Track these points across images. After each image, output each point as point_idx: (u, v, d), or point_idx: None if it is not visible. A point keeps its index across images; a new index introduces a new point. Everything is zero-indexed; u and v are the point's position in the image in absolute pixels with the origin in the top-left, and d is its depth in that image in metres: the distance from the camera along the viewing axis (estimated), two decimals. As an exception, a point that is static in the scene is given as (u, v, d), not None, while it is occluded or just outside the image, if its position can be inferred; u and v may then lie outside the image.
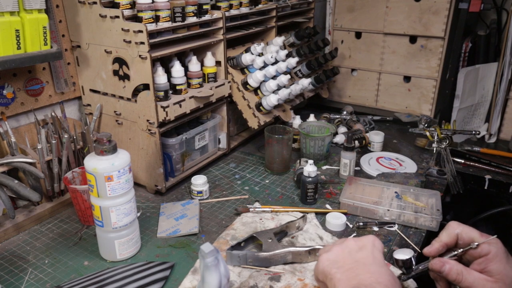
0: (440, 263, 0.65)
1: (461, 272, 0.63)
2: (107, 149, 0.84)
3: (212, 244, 0.64)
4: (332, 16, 1.76)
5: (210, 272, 0.61)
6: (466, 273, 0.63)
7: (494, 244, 0.64)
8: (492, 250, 0.63)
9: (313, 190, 1.12)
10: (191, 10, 1.16)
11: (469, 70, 1.52)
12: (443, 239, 0.68)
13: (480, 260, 0.63)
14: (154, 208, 1.13)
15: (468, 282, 0.62)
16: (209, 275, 0.61)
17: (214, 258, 0.62)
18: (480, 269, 0.63)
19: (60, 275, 0.89)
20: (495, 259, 0.62)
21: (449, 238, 0.67)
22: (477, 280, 0.61)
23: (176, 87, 1.17)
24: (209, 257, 0.62)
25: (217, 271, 0.61)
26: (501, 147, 1.50)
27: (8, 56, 0.92)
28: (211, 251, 0.62)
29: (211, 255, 0.61)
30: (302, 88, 1.49)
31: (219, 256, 0.62)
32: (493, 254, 0.62)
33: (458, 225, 0.67)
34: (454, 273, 0.63)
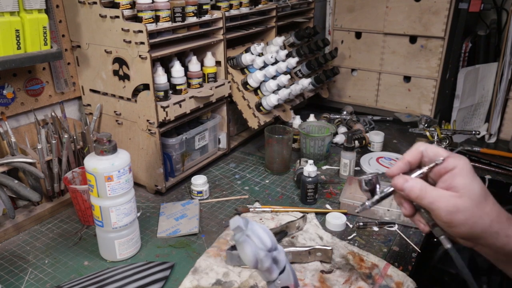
0: (402, 179, 0.60)
1: (424, 187, 0.58)
2: (107, 149, 0.84)
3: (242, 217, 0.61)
4: (332, 16, 1.76)
5: (241, 247, 0.60)
6: (430, 190, 0.58)
7: (460, 159, 0.59)
8: (458, 164, 0.58)
9: (313, 190, 1.12)
10: (191, 10, 1.16)
11: (469, 70, 1.52)
12: (406, 157, 0.63)
13: (446, 177, 0.58)
14: (154, 208, 1.13)
15: (432, 197, 0.57)
16: (241, 250, 0.60)
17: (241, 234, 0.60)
18: (445, 186, 0.58)
19: (60, 275, 0.89)
20: (461, 173, 0.57)
21: (412, 155, 0.62)
22: (440, 195, 0.57)
23: (176, 87, 1.17)
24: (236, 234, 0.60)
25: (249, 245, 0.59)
26: (501, 147, 1.50)
27: (8, 56, 0.92)
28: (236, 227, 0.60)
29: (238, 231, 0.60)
30: (302, 88, 1.49)
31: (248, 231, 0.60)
32: (459, 168, 0.58)
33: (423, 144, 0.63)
34: (417, 189, 0.58)
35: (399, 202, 0.64)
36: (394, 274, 0.87)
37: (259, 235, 0.59)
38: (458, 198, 0.56)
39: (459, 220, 0.55)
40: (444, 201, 0.56)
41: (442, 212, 0.56)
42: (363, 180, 0.65)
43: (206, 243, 0.99)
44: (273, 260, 0.61)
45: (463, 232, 0.56)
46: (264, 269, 0.60)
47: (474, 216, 0.55)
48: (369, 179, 0.65)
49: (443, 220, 0.57)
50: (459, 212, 0.55)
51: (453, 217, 0.55)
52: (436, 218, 0.58)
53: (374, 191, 0.65)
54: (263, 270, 0.60)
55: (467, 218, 0.55)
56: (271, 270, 0.61)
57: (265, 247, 0.59)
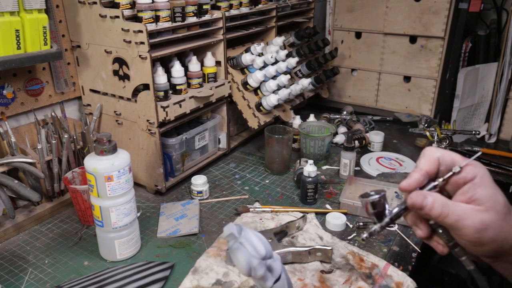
0: (421, 196, 0.51)
1: (447, 204, 0.50)
2: (107, 149, 0.84)
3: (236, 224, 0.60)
4: (332, 16, 1.76)
5: (235, 254, 0.59)
6: (452, 205, 0.50)
7: (480, 166, 0.51)
8: (478, 173, 0.50)
9: (313, 190, 1.12)
10: (191, 10, 1.16)
11: (469, 70, 1.52)
12: (423, 167, 0.53)
13: (466, 188, 0.51)
14: (154, 208, 1.13)
15: (456, 214, 0.49)
16: (234, 257, 0.59)
17: (234, 241, 0.59)
18: (466, 199, 0.50)
19: (60, 275, 0.89)
20: (483, 183, 0.50)
21: (429, 164, 0.53)
22: (465, 212, 0.49)
23: (176, 87, 1.17)
24: (230, 241, 0.59)
25: (242, 253, 0.59)
26: (501, 147, 1.50)
27: (8, 56, 0.92)
28: (229, 235, 0.59)
29: (230, 238, 0.59)
30: (302, 88, 1.49)
31: (241, 238, 0.59)
32: (480, 178, 0.50)
33: (437, 149, 0.54)
34: (438, 206, 0.50)
35: (413, 222, 0.55)
36: (394, 274, 0.87)
37: (252, 242, 0.58)
38: (485, 213, 0.49)
39: (488, 238, 0.49)
40: (470, 218, 0.49)
41: (469, 231, 0.49)
42: (369, 202, 0.56)
43: (206, 243, 0.99)
44: (268, 268, 0.59)
45: (491, 250, 0.50)
46: (258, 277, 0.59)
47: (503, 232, 0.49)
48: (377, 201, 0.55)
49: (470, 240, 0.50)
50: (488, 229, 0.48)
51: (482, 235, 0.49)
52: (460, 238, 0.51)
53: (383, 212, 0.56)
54: (257, 278, 0.60)
55: (496, 235, 0.49)
56: (266, 278, 0.60)
57: (258, 255, 0.58)
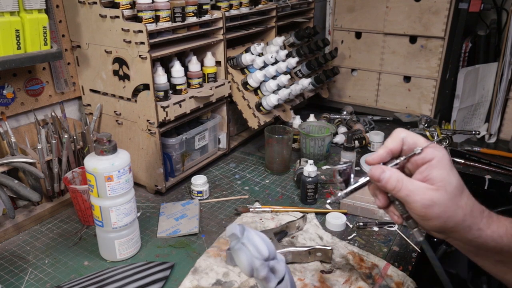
0: (379, 169, 0.58)
1: (401, 179, 0.56)
2: (107, 149, 0.84)
3: (239, 224, 0.61)
4: (332, 16, 1.76)
5: (237, 255, 0.59)
6: (406, 181, 0.56)
7: (439, 150, 0.57)
8: (437, 156, 0.56)
9: (313, 190, 1.12)
10: (191, 10, 1.16)
11: (469, 70, 1.52)
12: (388, 145, 0.61)
13: (423, 168, 0.57)
14: (154, 208, 1.13)
15: (408, 189, 0.55)
16: (236, 258, 0.59)
17: (237, 241, 0.59)
18: (422, 178, 0.56)
19: (60, 275, 0.89)
20: (439, 165, 0.56)
21: (394, 143, 0.60)
22: (417, 188, 0.55)
23: (176, 87, 1.17)
24: (232, 241, 0.59)
25: (244, 254, 0.59)
26: (501, 147, 1.50)
27: (8, 56, 0.92)
28: (231, 235, 0.59)
29: (233, 238, 0.59)
30: (302, 88, 1.49)
31: (243, 239, 0.59)
32: (437, 160, 0.56)
33: (404, 130, 0.61)
34: (393, 180, 0.56)
35: (373, 193, 0.63)
36: (394, 274, 0.87)
37: (255, 243, 0.58)
38: (435, 191, 0.55)
39: (433, 214, 0.55)
40: (420, 194, 0.55)
41: (418, 205, 0.55)
42: (337, 170, 0.63)
43: (206, 243, 0.99)
44: (271, 270, 0.59)
45: (437, 225, 0.56)
46: (260, 278, 0.59)
47: (449, 210, 0.55)
48: (343, 169, 0.63)
49: (418, 214, 0.56)
50: (434, 206, 0.54)
51: (428, 211, 0.55)
52: (411, 211, 0.57)
53: (349, 181, 0.64)
54: (260, 279, 0.60)
55: (441, 212, 0.54)
56: (268, 279, 0.59)
57: (261, 256, 0.58)
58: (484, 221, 0.57)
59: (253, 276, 0.59)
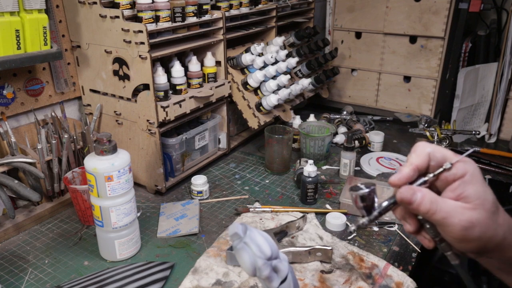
0: (410, 191, 0.51)
1: (435, 200, 0.50)
2: (107, 149, 0.84)
3: (241, 224, 0.60)
4: (332, 16, 1.76)
5: (239, 254, 0.59)
6: (441, 201, 0.50)
7: (470, 164, 0.51)
8: (469, 170, 0.50)
9: (313, 190, 1.12)
10: (191, 10, 1.16)
11: (469, 70, 1.52)
12: (413, 161, 0.53)
13: (455, 185, 0.50)
14: (154, 208, 1.13)
15: (444, 211, 0.49)
16: (239, 257, 0.59)
17: (239, 241, 0.59)
18: (455, 196, 0.50)
19: (60, 275, 0.89)
20: (473, 181, 0.50)
21: (420, 159, 0.52)
22: (453, 209, 0.49)
23: (176, 87, 1.17)
24: (234, 240, 0.59)
25: (246, 253, 0.58)
26: (501, 147, 1.50)
27: (8, 56, 0.92)
28: (234, 234, 0.59)
29: (235, 238, 0.59)
30: (302, 88, 1.49)
31: (246, 238, 0.59)
32: (470, 175, 0.50)
33: (428, 144, 0.54)
34: (427, 202, 0.50)
35: (401, 216, 0.56)
36: (394, 274, 0.87)
37: (257, 242, 0.58)
38: (473, 211, 0.49)
39: (474, 236, 0.49)
40: (458, 215, 0.49)
41: (456, 229, 0.49)
42: (359, 196, 0.55)
43: (206, 243, 0.99)
44: (273, 269, 0.59)
45: (476, 247, 0.50)
46: (263, 278, 0.59)
47: (489, 230, 0.49)
48: (366, 195, 0.55)
49: (456, 237, 0.50)
50: (474, 228, 0.49)
51: (468, 233, 0.49)
52: (447, 234, 0.51)
53: (372, 206, 0.56)
54: (262, 279, 0.59)
55: (482, 233, 0.49)
56: (271, 279, 0.59)
57: (264, 255, 0.57)
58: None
59: (256, 276, 0.59)
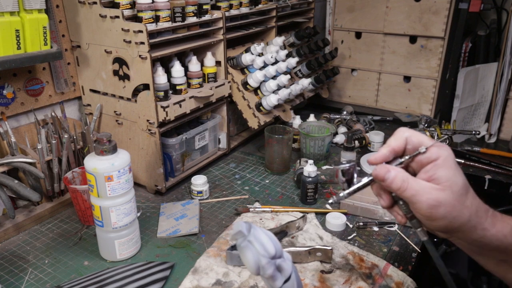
0: (384, 169, 0.57)
1: (407, 179, 0.55)
2: (107, 149, 0.84)
3: (246, 222, 0.60)
4: (332, 16, 1.76)
5: (243, 253, 0.59)
6: (412, 180, 0.55)
7: (444, 149, 0.56)
8: (442, 155, 0.55)
9: (313, 190, 1.12)
10: (191, 10, 1.16)
11: (469, 70, 1.52)
12: (391, 144, 0.59)
13: (428, 167, 0.56)
14: (154, 208, 1.13)
15: (414, 189, 0.55)
16: (243, 256, 0.58)
17: (243, 239, 0.59)
18: (427, 177, 0.55)
19: (60, 275, 0.89)
20: (445, 164, 0.55)
21: (397, 142, 0.59)
22: (422, 188, 0.54)
23: (176, 87, 1.17)
24: (238, 239, 0.59)
25: (250, 251, 0.58)
26: (501, 147, 1.50)
27: (8, 56, 0.92)
28: (237, 232, 0.59)
29: (239, 236, 0.59)
30: (302, 88, 1.49)
31: (250, 236, 0.58)
32: (442, 159, 0.55)
33: (407, 129, 0.60)
34: (399, 180, 0.55)
35: (377, 192, 0.61)
36: (394, 274, 0.87)
37: (261, 241, 0.58)
38: (441, 192, 0.54)
39: (439, 214, 0.54)
40: (426, 194, 0.54)
41: (423, 206, 0.54)
42: (340, 170, 0.61)
43: (206, 243, 0.99)
44: (277, 268, 0.59)
45: (442, 225, 0.55)
46: (267, 276, 0.58)
47: (455, 210, 0.54)
48: (346, 169, 0.61)
49: (423, 214, 0.55)
50: (440, 206, 0.54)
51: (434, 211, 0.54)
52: (416, 211, 0.57)
53: (352, 181, 0.62)
54: (266, 277, 0.59)
55: (447, 212, 0.54)
56: (275, 278, 0.59)
57: (267, 254, 0.57)
58: (489, 221, 0.56)
59: (259, 275, 0.59)
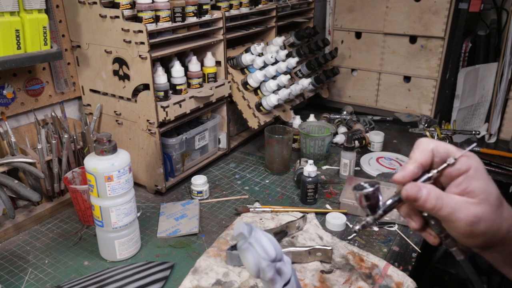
0: (416, 188, 0.50)
1: (441, 196, 0.49)
2: (107, 149, 0.84)
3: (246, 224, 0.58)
4: (332, 16, 1.76)
5: (243, 255, 0.58)
6: (446, 197, 0.49)
7: (473, 158, 0.51)
8: (472, 165, 0.50)
9: (313, 190, 1.12)
10: (191, 10, 1.16)
11: (469, 70, 1.52)
12: (417, 158, 0.52)
13: (460, 180, 0.50)
14: (154, 208, 1.13)
15: (450, 207, 0.49)
16: (243, 258, 0.58)
17: (244, 241, 0.58)
18: (460, 191, 0.50)
19: (60, 275, 0.89)
20: (477, 175, 0.49)
21: (423, 156, 0.52)
22: (459, 204, 0.48)
23: (176, 87, 1.17)
24: (239, 240, 0.59)
25: (251, 254, 0.58)
26: (501, 147, 1.50)
27: (8, 56, 0.92)
28: (239, 234, 0.58)
29: (240, 238, 0.58)
30: (302, 88, 1.49)
31: (251, 239, 0.58)
32: (474, 170, 0.50)
33: (431, 140, 0.53)
34: (433, 199, 0.49)
35: (406, 214, 0.55)
36: (394, 274, 0.87)
37: (262, 244, 0.57)
38: (478, 206, 0.49)
39: (479, 231, 0.49)
40: (463, 210, 0.48)
41: (462, 224, 0.49)
42: (363, 195, 0.54)
43: (206, 243, 0.99)
44: (277, 271, 0.59)
45: (481, 241, 0.50)
46: (267, 279, 0.58)
47: (495, 224, 0.49)
48: (371, 193, 0.53)
49: (462, 232, 0.50)
50: (480, 222, 0.48)
51: (474, 228, 0.49)
52: (453, 230, 0.51)
53: (377, 204, 0.55)
54: (266, 280, 0.59)
55: (487, 228, 0.49)
56: (274, 281, 0.58)
57: (268, 257, 0.57)
58: None
59: (259, 277, 0.58)
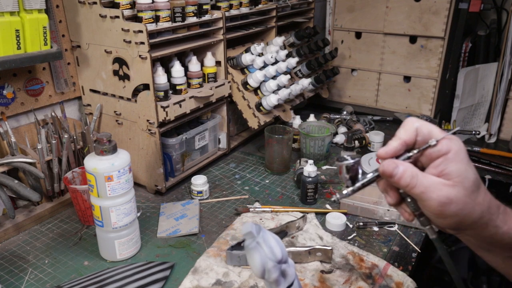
0: (393, 164, 0.52)
1: (416, 175, 0.51)
2: (107, 149, 0.84)
3: (255, 224, 0.58)
4: (332, 16, 1.76)
5: (250, 254, 0.58)
6: (421, 176, 0.51)
7: (455, 141, 0.52)
8: (453, 148, 0.51)
9: (313, 190, 1.12)
10: (191, 10, 1.16)
11: (469, 70, 1.52)
12: (401, 136, 0.54)
13: (439, 161, 0.51)
14: (154, 208, 1.13)
15: (423, 186, 0.50)
16: (250, 257, 0.58)
17: (252, 240, 0.58)
18: (437, 172, 0.51)
19: (60, 275, 0.89)
20: (456, 158, 0.51)
21: (408, 134, 0.54)
22: (432, 185, 0.50)
23: (176, 87, 1.17)
24: (247, 240, 0.58)
25: (258, 253, 0.58)
26: (501, 147, 1.50)
27: (8, 56, 0.92)
28: (247, 233, 0.58)
29: (248, 237, 0.58)
30: (302, 88, 1.49)
31: (259, 238, 0.58)
32: (454, 153, 0.51)
33: (417, 119, 0.55)
34: (408, 176, 0.51)
35: (383, 189, 0.57)
36: (394, 274, 0.87)
37: (270, 244, 0.57)
38: (452, 188, 0.50)
39: (450, 212, 0.50)
40: (436, 191, 0.50)
41: (434, 203, 0.51)
42: (344, 166, 0.57)
43: (206, 243, 0.99)
44: (282, 273, 0.58)
45: (453, 223, 0.52)
46: (271, 280, 0.58)
47: (467, 208, 0.51)
48: (351, 165, 0.57)
49: (433, 212, 0.52)
50: (451, 204, 0.50)
51: (445, 209, 0.50)
52: (426, 209, 0.53)
53: (356, 177, 0.58)
54: (270, 281, 0.59)
55: (459, 210, 0.50)
56: (279, 282, 0.58)
57: (274, 258, 0.57)
58: (501, 217, 0.53)
59: (264, 278, 0.58)
